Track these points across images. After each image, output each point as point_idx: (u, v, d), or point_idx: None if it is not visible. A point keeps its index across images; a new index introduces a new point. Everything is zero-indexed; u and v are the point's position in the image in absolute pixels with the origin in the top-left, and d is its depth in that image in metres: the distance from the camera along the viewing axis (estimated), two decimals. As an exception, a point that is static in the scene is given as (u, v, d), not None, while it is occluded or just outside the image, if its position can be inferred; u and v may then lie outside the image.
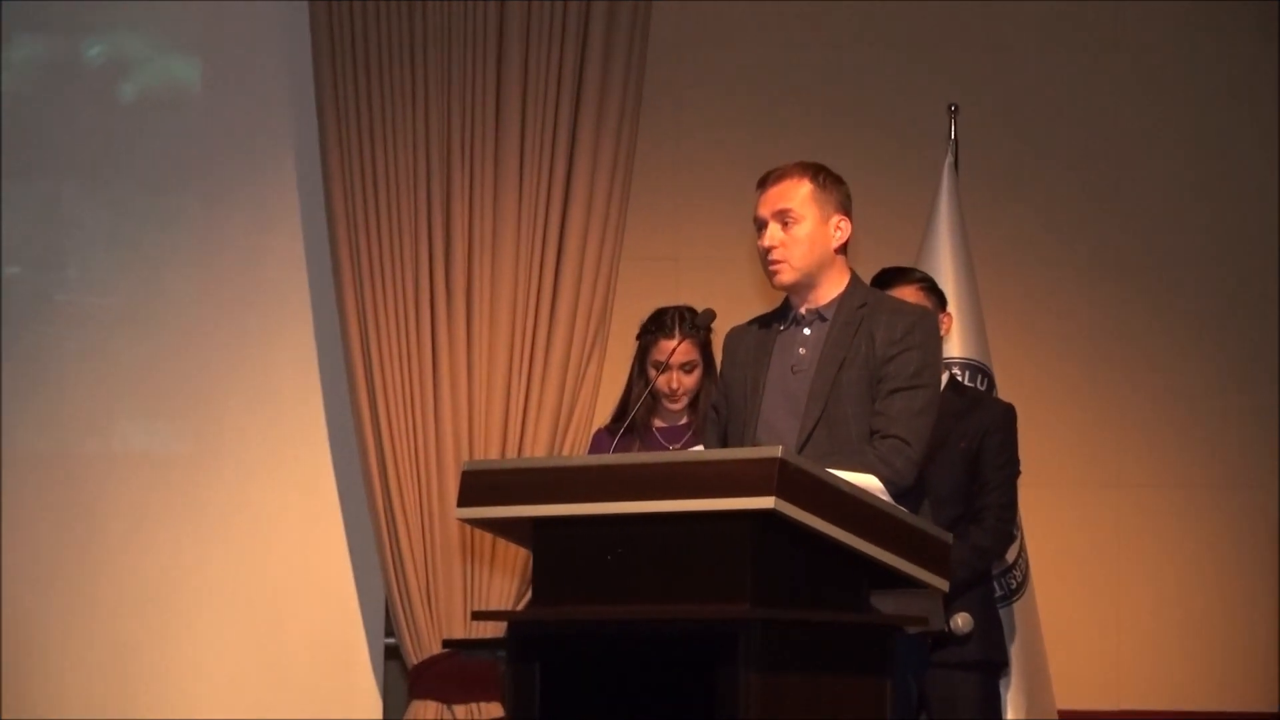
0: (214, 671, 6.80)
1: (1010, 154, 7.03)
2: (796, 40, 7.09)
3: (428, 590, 6.60)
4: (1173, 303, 7.08)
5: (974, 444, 5.54)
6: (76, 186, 6.97)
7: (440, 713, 6.60)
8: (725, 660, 4.07)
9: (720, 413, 4.99)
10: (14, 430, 6.85)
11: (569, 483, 4.32)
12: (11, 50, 6.95)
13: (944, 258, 6.47)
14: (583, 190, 6.64)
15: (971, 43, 7.08)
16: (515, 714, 4.35)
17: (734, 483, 4.11)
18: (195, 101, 6.98)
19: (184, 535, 6.84)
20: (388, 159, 6.67)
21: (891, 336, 4.77)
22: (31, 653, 6.77)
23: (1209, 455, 6.99)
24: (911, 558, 4.33)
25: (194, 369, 6.90)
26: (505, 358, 6.61)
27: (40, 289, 6.94)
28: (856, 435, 4.70)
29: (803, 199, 4.78)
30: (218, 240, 6.94)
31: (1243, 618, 6.76)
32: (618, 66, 6.66)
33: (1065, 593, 6.83)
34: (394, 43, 6.65)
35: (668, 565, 4.19)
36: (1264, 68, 7.09)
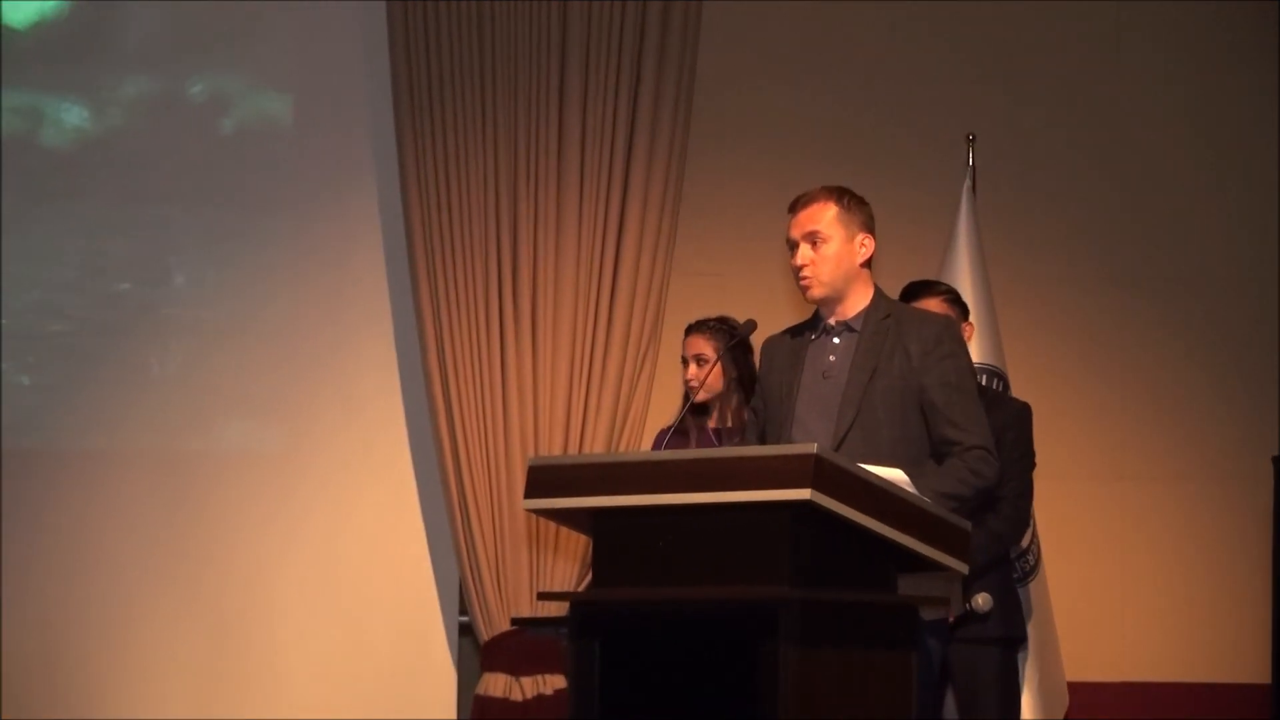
0: (307, 648, 6.81)
1: (1022, 179, 7.02)
2: (830, 77, 7.08)
3: (497, 573, 6.61)
4: (1174, 311, 7.06)
5: (996, 438, 5.53)
6: (180, 211, 6.94)
7: (509, 684, 6.60)
8: (766, 636, 4.07)
9: (759, 414, 5.00)
10: (126, 430, 6.87)
11: (625, 477, 4.33)
12: (124, 88, 6.98)
13: (963, 272, 6.46)
14: (636, 213, 6.65)
15: (987, 80, 7.07)
16: (577, 685, 4.35)
17: (774, 476, 4.12)
18: (286, 134, 6.99)
19: (277, 525, 6.85)
20: (461, 185, 6.67)
21: (925, 348, 4.77)
22: (140, 638, 6.78)
23: (1207, 451, 6.97)
24: (934, 543, 4.34)
25: (286, 374, 6.91)
26: (567, 364, 6.61)
27: (148, 303, 6.94)
28: (889, 439, 4.70)
29: (829, 221, 4.79)
30: (306, 258, 6.93)
31: (1236, 597, 6.75)
32: (667, 104, 6.67)
33: (1075, 574, 6.81)
34: (467, 82, 6.66)
35: (714, 551, 4.20)
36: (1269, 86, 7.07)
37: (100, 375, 6.89)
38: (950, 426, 4.75)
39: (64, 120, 6.96)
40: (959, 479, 4.67)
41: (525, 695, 6.59)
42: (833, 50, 7.09)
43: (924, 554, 4.31)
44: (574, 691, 4.38)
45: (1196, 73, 7.08)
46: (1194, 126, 7.08)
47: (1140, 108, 7.09)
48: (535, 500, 4.44)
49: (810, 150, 6.87)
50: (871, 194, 4.92)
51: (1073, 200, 7.06)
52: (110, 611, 6.78)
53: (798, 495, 4.06)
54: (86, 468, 6.84)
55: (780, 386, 4.89)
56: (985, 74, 7.07)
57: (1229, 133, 7.08)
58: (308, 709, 6.76)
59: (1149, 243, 7.05)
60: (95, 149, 6.94)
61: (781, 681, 4.05)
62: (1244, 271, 7.05)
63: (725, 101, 6.99)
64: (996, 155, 6.89)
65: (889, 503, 4.25)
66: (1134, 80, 7.09)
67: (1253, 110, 7.08)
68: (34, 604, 6.76)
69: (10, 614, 6.74)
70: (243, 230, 6.95)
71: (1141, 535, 6.99)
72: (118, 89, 6.98)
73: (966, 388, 4.82)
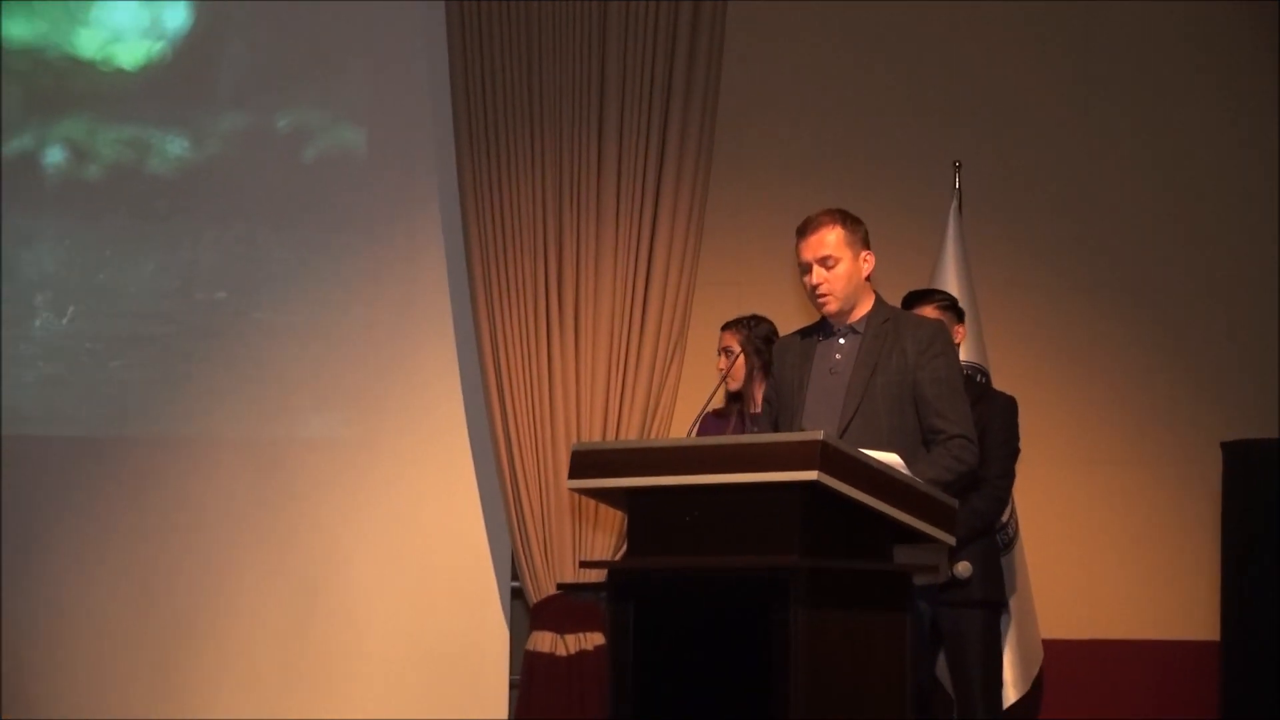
0: (379, 610, 6.83)
1: (1001, 201, 6.96)
2: (832, 114, 7.03)
3: (545, 545, 6.62)
4: (1136, 316, 6.99)
5: (980, 429, 5.52)
6: (268, 228, 6.98)
7: (555, 641, 6.60)
8: (778, 600, 4.09)
9: (772, 404, 5.01)
10: (221, 420, 6.90)
11: (656, 460, 4.34)
12: (219, 122, 6.99)
13: (950, 282, 6.43)
14: (665, 232, 6.66)
15: (972, 114, 7.03)
16: (614, 642, 4.38)
17: (785, 460, 4.14)
18: (360, 162, 7.00)
19: (353, 503, 6.86)
20: (512, 207, 6.70)
21: (920, 348, 4.78)
22: (234, 601, 6.81)
23: (1165, 437, 6.92)
24: (925, 518, 4.36)
25: (360, 371, 6.93)
26: (605, 362, 6.62)
27: (240, 309, 6.97)
28: (887, 428, 4.71)
29: (838, 244, 4.78)
30: (378, 270, 6.95)
31: (1190, 566, 6.71)
32: (692, 139, 6.67)
33: (1050, 546, 6.77)
34: (518, 118, 6.68)
35: (733, 525, 4.22)
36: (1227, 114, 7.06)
37: (198, 372, 6.93)
38: (938, 417, 4.77)
39: (167, 150, 6.99)
40: (944, 465, 4.69)
41: (569, 651, 6.59)
42: (835, 90, 7.06)
43: (916, 527, 4.34)
44: (612, 647, 4.41)
45: (1160, 104, 7.05)
46: (1154, 158, 7.05)
47: (1107, 138, 7.05)
48: (578, 481, 4.46)
49: (816, 177, 6.83)
50: (869, 214, 4.94)
51: (1046, 219, 7.04)
52: (207, 577, 6.83)
53: (806, 476, 4.09)
54: (186, 453, 6.89)
55: (792, 381, 4.91)
56: (970, 109, 7.05)
57: (1185, 162, 7.04)
58: (379, 662, 6.79)
59: (1113, 256, 7.02)
60: (195, 175, 6.98)
61: (792, 639, 4.07)
62: (1197, 280, 7.00)
63: (742, 136, 6.96)
64: (980, 180, 6.86)
65: (886, 483, 4.27)
66: (1101, 115, 7.05)
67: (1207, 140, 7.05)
68: (139, 570, 6.80)
69: (119, 581, 6.79)
70: (322, 246, 6.96)
71: (1108, 512, 6.95)
72: (214, 123, 7.00)
73: (954, 384, 4.84)
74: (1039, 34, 7.08)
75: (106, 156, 6.97)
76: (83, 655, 6.77)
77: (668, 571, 4.33)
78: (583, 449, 4.47)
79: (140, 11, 7.00)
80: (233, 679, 6.76)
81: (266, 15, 6.98)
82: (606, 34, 6.63)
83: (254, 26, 6.99)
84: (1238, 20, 7.02)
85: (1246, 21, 7.01)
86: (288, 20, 6.96)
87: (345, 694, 6.77)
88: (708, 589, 4.25)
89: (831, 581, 4.17)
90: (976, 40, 7.08)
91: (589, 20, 6.64)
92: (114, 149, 6.96)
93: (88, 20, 6.98)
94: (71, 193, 6.95)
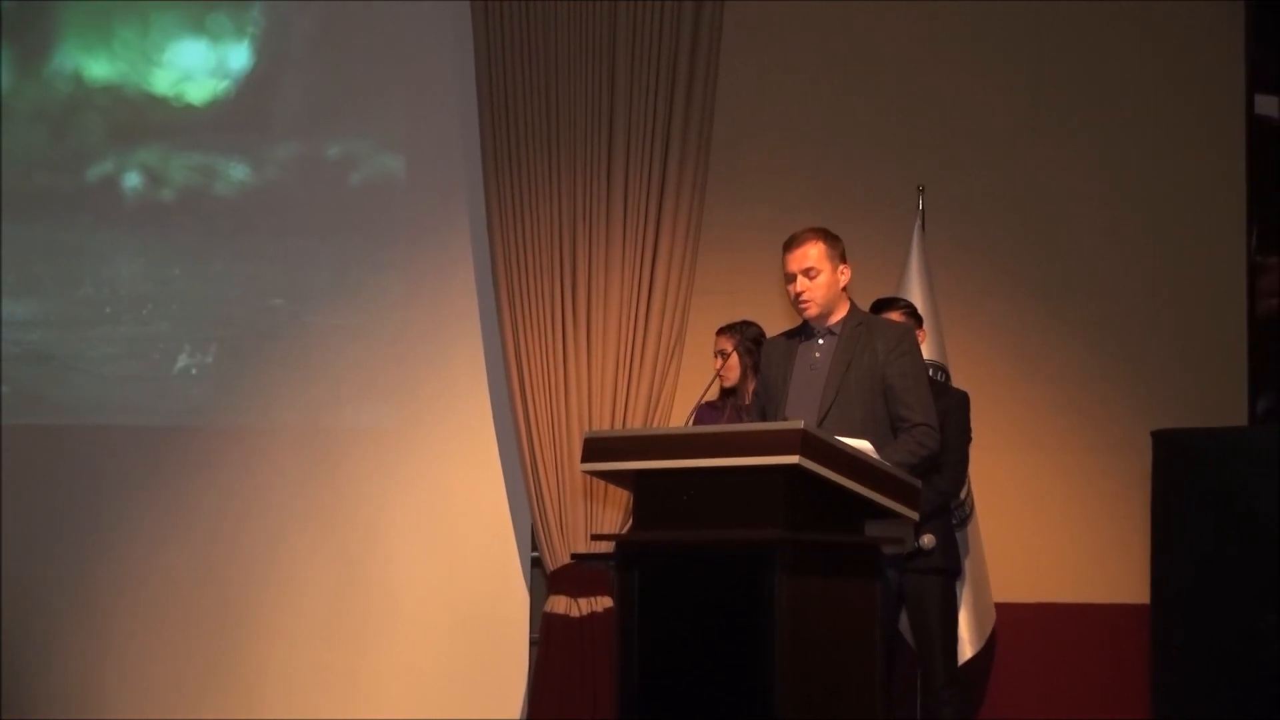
0: (413, 575, 6.81)
1: (959, 219, 6.95)
2: (811, 145, 7.00)
3: (560, 520, 6.61)
4: (1077, 317, 6.97)
5: (940, 419, 5.52)
6: (319, 243, 6.95)
7: (569, 604, 6.60)
8: (765, 568, 4.12)
9: (760, 397, 5.03)
10: (277, 411, 6.89)
11: (658, 446, 4.37)
12: (276, 150, 6.98)
13: (915, 290, 6.45)
14: (665, 246, 6.65)
15: (934, 143, 7.03)
16: (621, 606, 4.42)
17: (771, 446, 4.17)
18: (400, 185, 6.98)
19: (393, 484, 6.84)
20: (532, 224, 6.69)
21: (889, 347, 4.80)
22: (285, 571, 6.79)
23: (1102, 425, 6.91)
24: (893, 497, 4.38)
25: (398, 368, 6.91)
26: (613, 360, 6.61)
27: (294, 313, 6.96)
28: (860, 418, 4.74)
29: (819, 257, 4.80)
30: (415, 280, 6.93)
31: (1124, 539, 6.69)
32: (689, 165, 6.65)
33: (1001, 520, 6.75)
34: (538, 146, 6.66)
35: (725, 502, 4.24)
36: (1151, 140, 7.05)
37: (257, 369, 6.94)
38: (904, 407, 4.78)
39: (231, 175, 6.99)
40: (909, 450, 4.71)
41: (582, 613, 6.58)
42: (815, 123, 7.04)
43: (884, 504, 4.36)
44: (619, 609, 4.43)
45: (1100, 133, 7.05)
46: (1093, 180, 7.04)
47: (1051, 165, 7.05)
48: (589, 464, 4.48)
49: (798, 198, 6.82)
50: (845, 231, 4.97)
51: (997, 236, 7.02)
52: (263, 548, 6.81)
53: (789, 460, 4.12)
54: (246, 440, 6.88)
55: (777, 376, 4.92)
56: (932, 138, 7.05)
57: (1119, 183, 7.05)
58: (415, 623, 6.77)
59: (1057, 268, 7.01)
60: (254, 197, 6.98)
61: (777, 602, 4.10)
62: (1131, 282, 6.98)
63: (733, 163, 6.95)
64: (940, 202, 6.85)
65: (859, 466, 4.30)
66: (1046, 144, 7.05)
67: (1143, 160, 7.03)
68: (204, 541, 6.80)
69: (186, 551, 6.79)
70: (367, 258, 6.94)
71: (1052, 491, 6.94)
72: (271, 151, 7.00)
73: (918, 379, 4.86)
74: (993, 71, 7.08)
75: (177, 180, 6.97)
76: (160, 609, 6.77)
77: (668, 543, 4.35)
78: (594, 436, 4.49)
79: (207, 53, 7.01)
80: (284, 636, 6.75)
81: (317, 57, 6.98)
82: (615, 76, 6.63)
83: (306, 67, 6.98)
84: (1158, 55, 7.03)
85: (1164, 57, 7.02)
86: (335, 62, 6.96)
87: (384, 650, 6.76)
88: (703, 559, 4.27)
89: (811, 552, 4.19)
90: (939, 79, 7.08)
91: (599, 65, 6.64)
92: (184, 174, 6.96)
93: (161, 61, 6.99)
94: (147, 212, 6.95)
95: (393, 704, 6.72)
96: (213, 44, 7.00)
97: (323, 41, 6.98)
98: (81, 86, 6.98)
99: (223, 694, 6.72)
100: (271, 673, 6.74)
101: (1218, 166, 6.96)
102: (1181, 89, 7.03)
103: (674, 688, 4.27)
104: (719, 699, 4.19)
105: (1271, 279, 6.83)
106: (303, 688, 6.73)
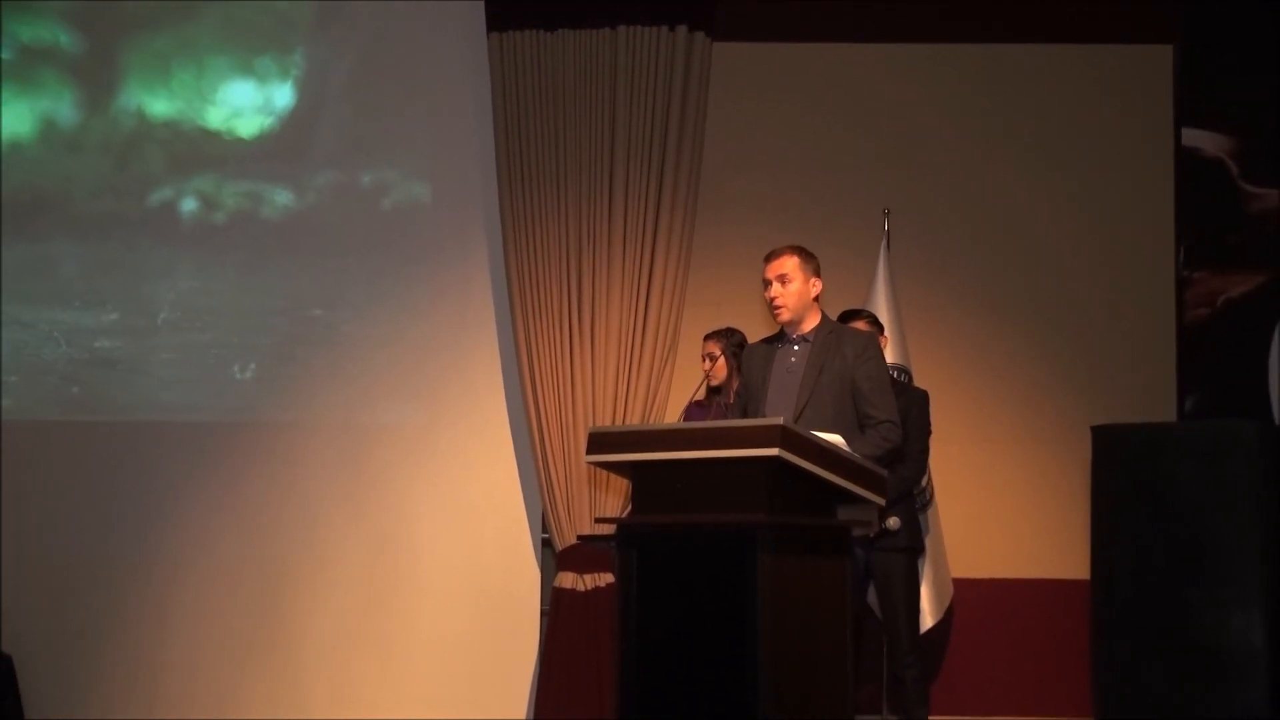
0: (437, 554, 6.77)
1: (920, 239, 6.96)
2: (792, 168, 7.01)
3: (568, 505, 6.60)
4: (1023, 324, 6.97)
5: (903, 415, 5.53)
6: (355, 262, 6.92)
7: (575, 579, 6.58)
8: (748, 548, 4.13)
9: (742, 396, 5.04)
10: (317, 409, 6.87)
11: (654, 440, 4.38)
12: (316, 178, 6.95)
13: (881, 302, 6.47)
14: (660, 262, 6.62)
15: (899, 171, 7.04)
16: (621, 581, 4.41)
17: (754, 439, 4.17)
18: (426, 209, 6.95)
19: (420, 473, 6.82)
20: (543, 243, 6.66)
21: (857, 353, 4.81)
22: (322, 551, 6.77)
23: (1046, 421, 6.90)
24: (861, 484, 4.38)
25: (423, 370, 6.88)
26: (614, 363, 6.60)
27: (331, 323, 6.93)
28: (831, 415, 4.74)
29: (792, 268, 4.82)
30: (439, 292, 6.90)
31: (1066, 520, 6.70)
32: (682, 192, 6.62)
33: (958, 505, 6.77)
34: (547, 174, 6.63)
35: (714, 490, 4.24)
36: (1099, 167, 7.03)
37: (298, 372, 6.90)
38: (870, 406, 4.79)
39: (275, 200, 6.97)
40: (875, 443, 4.71)
41: (586, 587, 6.57)
42: (794, 153, 7.05)
43: (854, 491, 4.36)
44: (620, 584, 4.44)
45: (1048, 161, 7.06)
46: (1039, 201, 7.06)
47: (1002, 189, 7.05)
48: (593, 455, 4.49)
49: (777, 220, 6.82)
50: (819, 249, 4.98)
51: (954, 254, 7.04)
52: (302, 531, 6.79)
53: (769, 453, 4.12)
54: (289, 435, 6.86)
55: (758, 378, 4.93)
56: (897, 167, 7.06)
57: (1063, 203, 7.06)
58: (438, 596, 6.75)
59: (1008, 281, 7.02)
60: (296, 219, 6.96)
61: (760, 577, 4.11)
62: (1073, 294, 6.99)
63: (721, 189, 6.96)
64: (904, 223, 6.88)
65: (831, 457, 4.30)
66: (997, 172, 7.06)
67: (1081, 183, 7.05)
68: (250, 525, 6.77)
69: (235, 533, 6.77)
70: (395, 273, 6.92)
71: (1003, 478, 6.94)
72: (312, 179, 6.97)
73: (882, 381, 4.87)
74: (951, 108, 7.10)
75: (229, 205, 6.96)
76: (212, 582, 6.76)
77: (663, 526, 4.34)
78: (597, 431, 4.49)
79: (255, 93, 7.00)
80: (323, 607, 6.74)
81: (352, 95, 6.96)
82: (615, 111, 6.61)
83: (342, 104, 6.96)
84: (1096, 100, 7.05)
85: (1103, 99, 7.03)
86: (368, 100, 6.95)
87: (411, 620, 6.74)
88: (694, 539, 4.27)
89: (789, 533, 4.19)
90: (903, 115, 7.09)
91: (601, 101, 6.62)
92: (235, 199, 6.95)
93: (214, 100, 6.99)
94: (201, 233, 6.93)
95: (419, 667, 6.71)
96: (260, 84, 7.00)
97: (356, 82, 6.97)
98: (144, 122, 6.98)
99: (268, 657, 6.71)
100: (311, 640, 6.73)
101: (1150, 192, 6.98)
102: (1118, 122, 7.05)
103: (668, 654, 4.27)
104: (708, 662, 4.19)
105: (1198, 291, 6.82)
106: (339, 652, 6.72)
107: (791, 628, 4.16)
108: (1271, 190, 6.76)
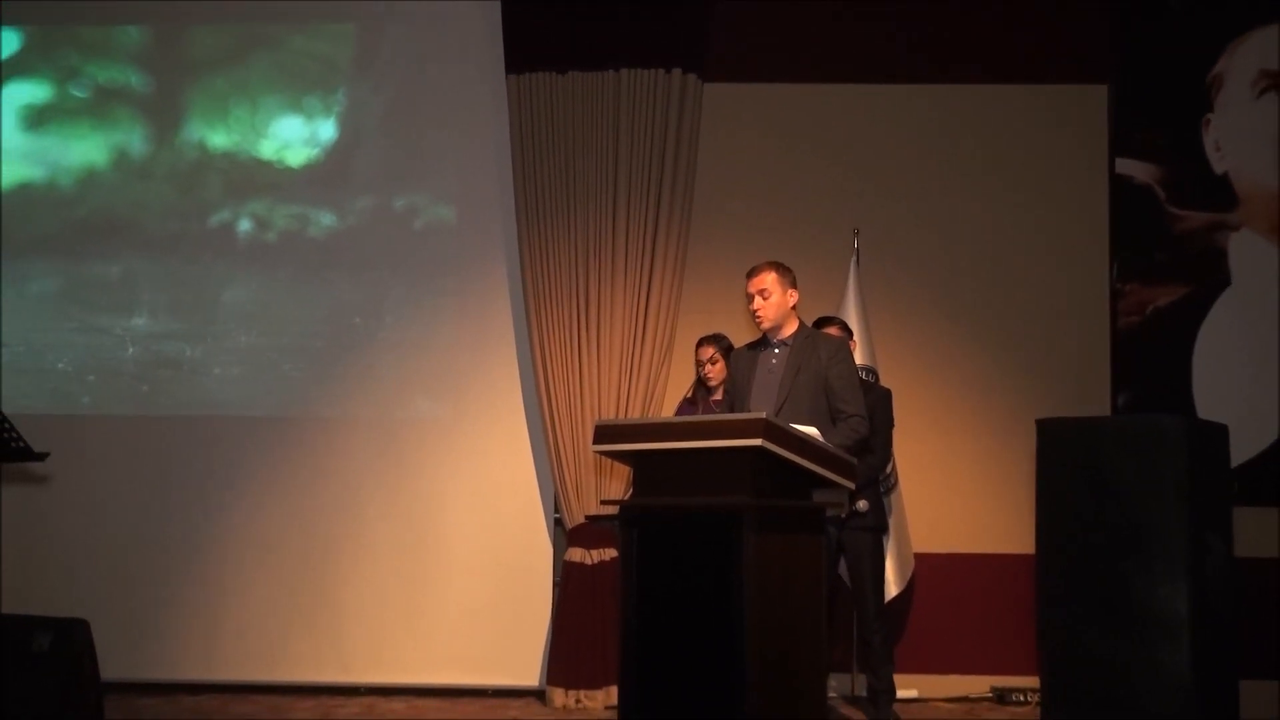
0: (462, 532, 6.76)
1: (887, 254, 6.93)
2: (772, 192, 6.98)
3: (577, 488, 6.59)
4: (978, 330, 6.93)
5: (870, 411, 5.52)
6: (388, 275, 6.91)
7: (584, 554, 6.55)
8: (735, 527, 4.12)
9: (730, 394, 5.04)
10: (357, 405, 6.84)
11: (653, 431, 4.38)
12: (356, 202, 6.95)
13: (851, 310, 6.46)
14: (658, 277, 6.60)
15: (867, 196, 7.01)
16: (624, 556, 4.40)
17: (741, 431, 4.17)
18: (451, 230, 6.94)
19: (445, 460, 6.80)
20: (555, 260, 6.64)
21: (830, 356, 4.82)
22: (363, 537, 6.73)
23: (997, 415, 6.87)
24: (834, 471, 4.38)
25: (450, 371, 6.85)
26: (617, 365, 6.58)
27: (369, 330, 6.92)
28: (807, 410, 4.74)
29: (772, 282, 4.83)
30: (463, 304, 6.88)
31: (1016, 501, 6.70)
32: (676, 218, 6.60)
33: (920, 489, 6.74)
34: (559, 200, 6.62)
35: (705, 476, 4.24)
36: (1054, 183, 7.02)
37: (340, 373, 6.88)
38: (841, 402, 4.79)
39: (320, 222, 6.97)
40: (845, 435, 4.72)
41: (593, 562, 6.55)
42: (775, 179, 7.00)
43: (828, 477, 4.36)
44: (622, 558, 4.43)
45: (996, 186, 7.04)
46: (992, 218, 7.04)
47: (959, 209, 7.03)
48: (600, 445, 4.48)
49: (760, 239, 6.77)
50: (795, 265, 4.98)
51: (916, 267, 7.01)
52: (342, 514, 6.77)
53: (754, 443, 4.13)
54: (332, 428, 6.84)
55: (743, 378, 4.94)
56: (866, 192, 7.04)
57: (1012, 222, 7.05)
58: (462, 570, 6.74)
59: (964, 291, 6.99)
60: (339, 239, 6.95)
61: (745, 552, 4.10)
62: (1020, 303, 6.96)
63: (711, 212, 6.93)
64: (872, 241, 6.86)
65: (808, 447, 4.30)
66: (955, 194, 7.05)
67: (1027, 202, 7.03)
68: (297, 507, 6.75)
69: (283, 514, 6.76)
70: (425, 286, 6.90)
71: (960, 466, 6.91)
72: (352, 203, 6.97)
73: (852, 380, 4.87)
74: (912, 141, 7.07)
75: (280, 226, 6.97)
76: (262, 560, 6.74)
77: (661, 507, 4.34)
78: (603, 423, 4.49)
79: (302, 128, 7.01)
80: (361, 581, 6.72)
81: (387, 129, 6.96)
82: (618, 145, 6.60)
83: (379, 138, 6.96)
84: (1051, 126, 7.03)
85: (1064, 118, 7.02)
86: (402, 133, 6.94)
87: (439, 591, 6.72)
88: (688, 519, 4.26)
89: (771, 514, 4.19)
90: (871, 147, 7.07)
91: (606, 136, 6.60)
92: (285, 221, 6.96)
93: (266, 133, 7.00)
94: (255, 251, 6.94)
95: (445, 632, 6.70)
96: (307, 120, 7.00)
97: (391, 118, 6.96)
98: (205, 153, 6.99)
99: (312, 623, 6.71)
100: (350, 608, 6.72)
101: (1087, 214, 6.97)
102: (1060, 152, 7.04)
103: (665, 620, 4.27)
104: (700, 627, 4.19)
105: (1129, 301, 6.83)
106: (375, 619, 6.71)
107: (773, 596, 4.16)
108: (1194, 213, 6.79)
